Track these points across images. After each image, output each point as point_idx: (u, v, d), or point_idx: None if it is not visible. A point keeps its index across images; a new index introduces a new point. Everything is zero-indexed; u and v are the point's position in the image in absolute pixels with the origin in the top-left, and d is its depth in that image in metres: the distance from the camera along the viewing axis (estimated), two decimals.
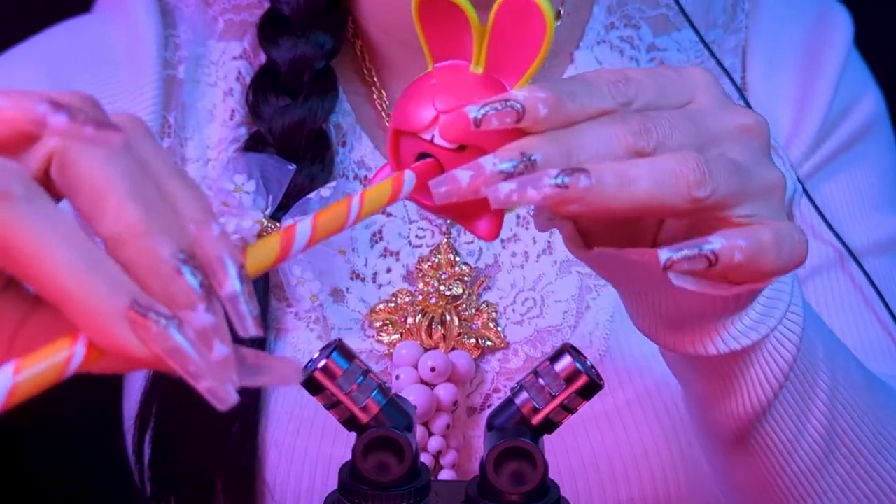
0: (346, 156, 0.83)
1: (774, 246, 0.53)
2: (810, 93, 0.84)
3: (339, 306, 0.81)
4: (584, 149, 0.52)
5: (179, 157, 0.82)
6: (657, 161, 0.52)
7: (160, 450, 0.80)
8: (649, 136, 0.53)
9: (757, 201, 0.54)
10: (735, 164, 0.54)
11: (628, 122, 0.53)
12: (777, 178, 0.55)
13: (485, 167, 0.50)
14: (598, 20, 0.84)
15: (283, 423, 0.79)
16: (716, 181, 0.52)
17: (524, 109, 0.51)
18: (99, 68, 0.83)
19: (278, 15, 0.81)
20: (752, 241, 0.52)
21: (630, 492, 0.78)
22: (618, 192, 0.51)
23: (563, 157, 0.51)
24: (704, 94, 0.56)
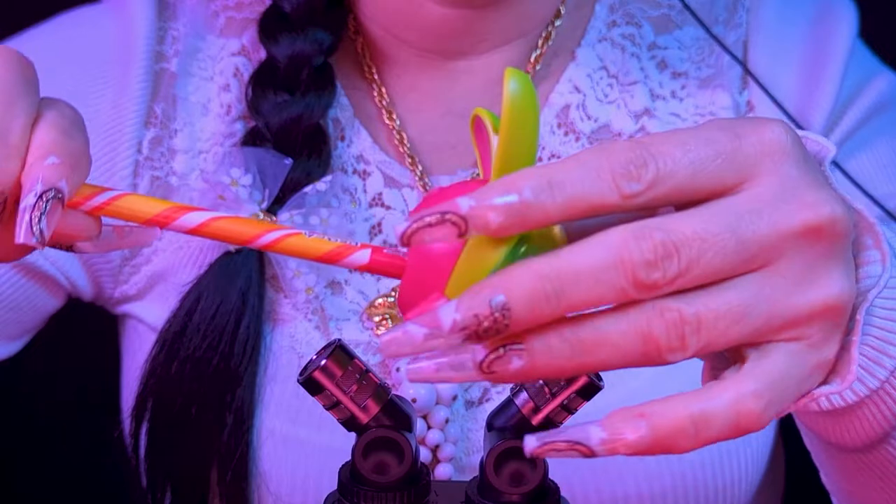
0: (344, 150, 0.83)
1: (685, 430, 0.44)
2: (816, 85, 0.83)
3: (336, 297, 0.81)
4: (576, 289, 0.43)
5: (166, 147, 0.82)
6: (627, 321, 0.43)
7: (155, 441, 0.80)
8: (668, 263, 0.43)
9: (795, 328, 0.46)
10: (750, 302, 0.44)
11: (641, 246, 0.43)
12: (833, 296, 0.46)
13: (443, 322, 0.43)
14: (599, 18, 0.84)
15: (280, 412, 0.79)
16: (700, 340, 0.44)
17: (465, 222, 0.43)
18: (88, 60, 0.83)
19: (279, 12, 0.81)
20: (645, 431, 0.44)
21: (625, 487, 0.78)
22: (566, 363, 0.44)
23: (548, 303, 0.43)
24: (767, 169, 0.45)
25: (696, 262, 0.43)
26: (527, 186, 0.43)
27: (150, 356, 0.79)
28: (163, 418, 0.80)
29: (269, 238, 0.50)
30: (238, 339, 0.79)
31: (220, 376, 0.78)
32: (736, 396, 0.44)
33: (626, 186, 0.44)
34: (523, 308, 0.43)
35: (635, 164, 0.44)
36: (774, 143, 0.46)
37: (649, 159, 0.44)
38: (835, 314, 0.46)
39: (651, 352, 0.44)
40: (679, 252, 0.43)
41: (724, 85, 0.84)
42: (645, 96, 0.83)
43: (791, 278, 0.45)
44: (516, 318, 0.43)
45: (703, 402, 0.44)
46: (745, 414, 0.44)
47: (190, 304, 0.79)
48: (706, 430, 0.44)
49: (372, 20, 0.82)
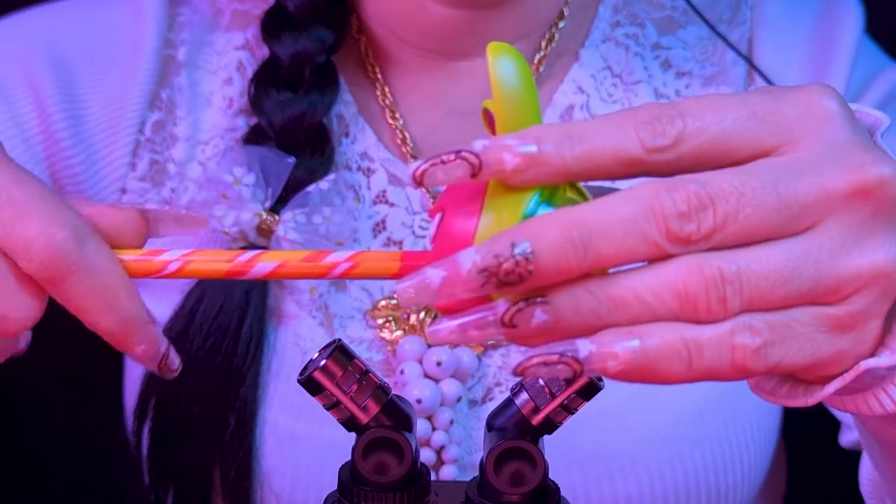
0: (348, 147, 0.83)
1: (677, 353, 0.42)
2: (823, 79, 0.83)
3: (341, 295, 0.81)
4: (603, 238, 0.41)
5: (168, 133, 0.83)
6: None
7: (158, 441, 0.81)
8: (703, 216, 0.41)
9: (840, 294, 0.43)
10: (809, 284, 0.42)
11: (672, 196, 0.41)
12: (882, 262, 0.43)
13: (461, 266, 0.41)
14: (603, 19, 0.84)
15: (284, 409, 0.79)
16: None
17: (479, 159, 0.42)
18: (97, 43, 0.84)
19: (282, 10, 0.81)
20: (636, 350, 0.42)
21: (627, 488, 0.78)
22: (594, 320, 0.41)
23: (574, 252, 0.41)
24: (810, 132, 0.43)
25: (734, 217, 0.41)
26: (545, 137, 0.42)
27: None
28: (165, 417, 0.80)
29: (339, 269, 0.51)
30: (241, 338, 0.79)
31: (223, 375, 0.79)
32: (731, 327, 0.42)
33: (649, 140, 0.42)
34: (548, 255, 0.41)
35: (661, 121, 0.42)
36: (818, 105, 0.44)
37: (676, 115, 0.42)
38: (883, 283, 0.43)
39: (688, 312, 0.42)
40: (715, 204, 0.41)
41: (728, 83, 0.83)
42: (649, 96, 0.83)
43: (838, 241, 0.43)
44: (541, 265, 0.41)
45: (696, 330, 0.42)
46: (739, 347, 0.42)
47: (193, 303, 0.79)
48: (699, 358, 0.42)
49: (374, 20, 0.82)
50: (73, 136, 0.81)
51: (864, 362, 0.45)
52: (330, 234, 0.79)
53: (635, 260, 0.42)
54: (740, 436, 0.80)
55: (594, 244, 0.41)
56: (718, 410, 0.80)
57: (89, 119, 0.82)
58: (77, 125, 0.82)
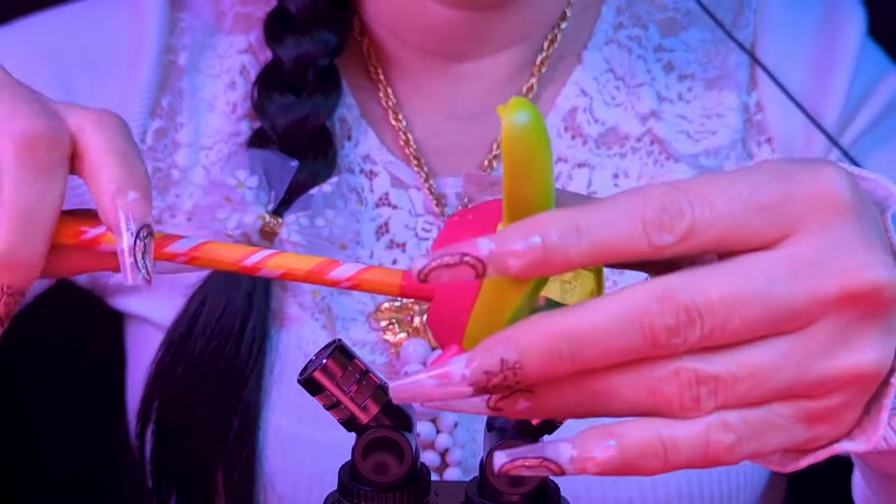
0: (351, 150, 0.83)
1: (653, 451, 0.43)
2: (826, 83, 0.83)
3: (343, 297, 0.81)
4: (592, 347, 0.42)
5: (170, 139, 0.83)
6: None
7: (161, 443, 0.81)
8: (690, 329, 0.42)
9: (818, 394, 0.44)
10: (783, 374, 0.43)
11: (664, 309, 0.42)
12: (867, 363, 0.43)
13: (453, 376, 0.43)
14: (606, 20, 0.84)
15: (287, 411, 0.79)
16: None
17: (483, 265, 0.42)
18: (97, 50, 0.83)
19: (284, 12, 0.81)
20: (614, 451, 0.43)
21: (629, 492, 0.78)
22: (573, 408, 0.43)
23: (562, 361, 0.42)
24: (813, 226, 0.43)
25: (721, 328, 0.42)
26: (552, 230, 0.42)
27: (156, 358, 0.79)
28: (168, 420, 0.80)
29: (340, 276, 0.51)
30: (244, 340, 0.79)
31: (226, 378, 0.79)
32: (706, 426, 0.43)
33: (657, 237, 0.42)
34: (535, 366, 0.42)
35: (670, 214, 0.42)
36: (826, 196, 0.43)
37: (686, 208, 0.42)
38: (860, 385, 0.44)
39: (662, 409, 0.43)
40: (703, 318, 0.42)
41: (731, 86, 0.83)
42: (652, 98, 0.83)
43: (822, 343, 0.43)
44: (528, 375, 0.42)
45: (672, 428, 0.43)
46: (714, 443, 0.43)
47: (196, 305, 0.79)
48: (675, 455, 0.43)
49: (376, 21, 0.82)
50: None
51: (838, 445, 0.46)
52: (333, 237, 0.79)
53: (617, 364, 0.43)
54: None
55: (581, 353, 0.42)
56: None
57: None
58: None
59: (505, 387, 0.42)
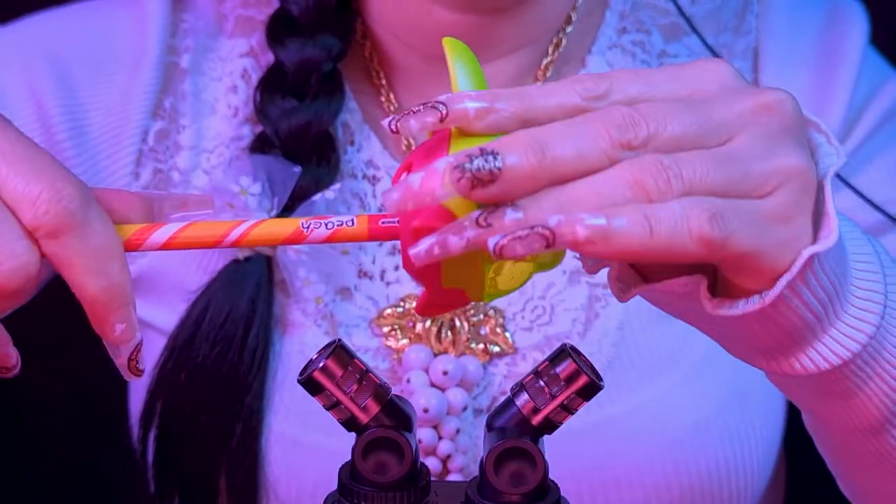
0: (354, 155, 0.83)
1: (639, 223, 0.47)
2: (829, 89, 0.83)
3: (346, 303, 0.81)
4: (559, 143, 0.47)
5: (172, 141, 0.83)
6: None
7: (164, 449, 0.81)
8: (637, 128, 0.48)
9: (765, 187, 0.49)
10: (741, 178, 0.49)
11: (609, 114, 0.48)
12: (795, 163, 0.50)
13: (438, 166, 0.47)
14: (610, 25, 0.84)
15: (290, 417, 0.79)
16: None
17: (446, 108, 0.48)
18: (100, 50, 0.84)
19: (287, 16, 0.81)
20: (601, 218, 0.46)
21: (633, 496, 0.78)
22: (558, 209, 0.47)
23: (534, 153, 0.47)
24: (711, 83, 0.52)
25: (663, 130, 0.48)
26: (507, 91, 0.49)
27: (159, 363, 0.80)
28: (171, 426, 0.80)
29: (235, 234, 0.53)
30: (247, 347, 0.79)
31: (229, 384, 0.79)
32: (689, 202, 0.47)
33: (587, 92, 0.50)
34: (513, 156, 0.46)
35: (595, 80, 0.50)
36: (714, 63, 0.52)
37: (605, 78, 0.50)
38: (798, 178, 0.50)
39: (639, 196, 0.47)
40: (645, 119, 0.48)
41: None
42: None
43: (752, 148, 0.49)
44: (507, 164, 0.46)
45: (655, 208, 0.47)
46: (695, 216, 0.47)
47: (199, 311, 0.79)
48: (658, 226, 0.47)
49: (379, 25, 0.82)
50: (75, 145, 0.82)
51: (806, 250, 0.50)
52: (335, 244, 0.79)
53: (588, 166, 0.48)
54: (744, 443, 0.80)
55: (551, 147, 0.47)
56: (723, 418, 0.79)
57: (92, 128, 0.82)
58: (79, 134, 0.82)
59: (487, 173, 0.46)
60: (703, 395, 0.80)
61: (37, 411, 1.18)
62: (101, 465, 1.12)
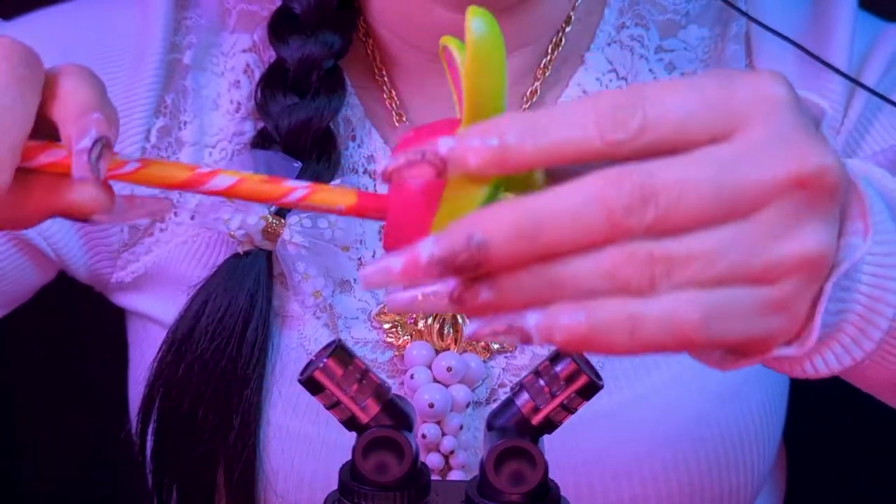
0: (355, 150, 0.83)
1: (620, 325, 0.44)
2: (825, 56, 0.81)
3: (345, 296, 0.81)
4: (554, 227, 0.43)
5: (174, 138, 0.83)
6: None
7: (162, 442, 0.81)
8: (645, 207, 0.43)
9: (768, 278, 0.46)
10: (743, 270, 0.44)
11: (620, 186, 0.43)
12: (813, 249, 0.46)
13: (420, 256, 0.44)
14: (608, 22, 0.84)
15: (288, 410, 0.79)
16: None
17: (444, 162, 0.44)
18: (104, 44, 0.83)
19: (289, 12, 0.81)
20: (582, 320, 0.44)
21: (632, 489, 0.78)
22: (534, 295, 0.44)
23: (525, 240, 0.43)
24: (758, 119, 0.45)
25: (675, 208, 0.44)
26: (509, 131, 0.44)
27: (158, 357, 0.80)
28: (170, 419, 0.80)
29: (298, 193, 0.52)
30: (246, 341, 0.79)
31: (228, 378, 0.79)
32: (674, 303, 0.44)
33: (610, 134, 0.44)
34: (501, 245, 0.44)
35: (622, 111, 0.44)
36: (768, 92, 0.46)
37: (638, 106, 0.44)
38: (810, 268, 0.46)
39: (621, 289, 0.44)
40: (658, 196, 0.44)
41: None
42: None
43: (771, 227, 0.45)
44: (494, 255, 0.44)
45: (640, 305, 0.44)
46: (679, 321, 0.44)
47: (198, 305, 0.79)
48: (642, 330, 0.44)
49: (380, 23, 0.82)
50: None
51: (776, 350, 0.48)
52: (335, 239, 0.79)
53: (582, 247, 0.44)
54: (743, 437, 0.80)
55: (544, 234, 0.44)
56: (722, 412, 0.80)
57: None
58: None
59: (471, 266, 0.44)
60: (703, 389, 0.80)
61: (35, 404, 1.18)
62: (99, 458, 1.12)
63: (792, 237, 0.45)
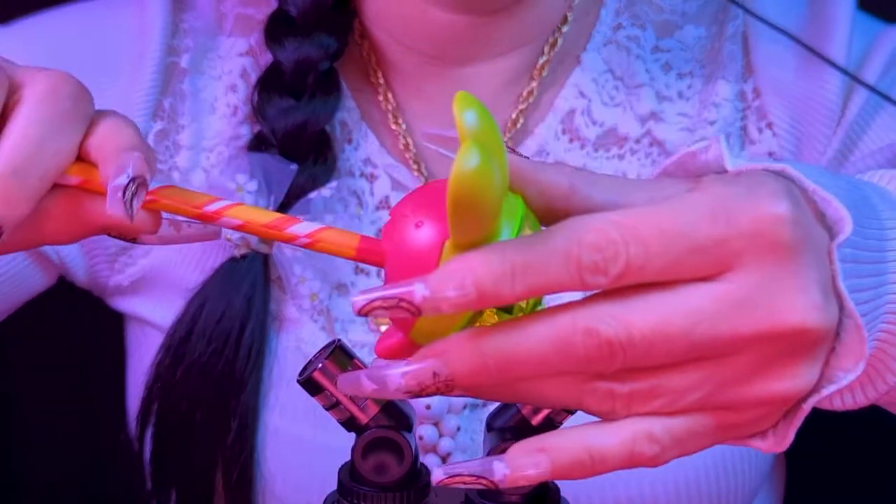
0: (352, 153, 0.83)
1: (581, 463, 0.46)
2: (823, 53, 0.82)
3: (342, 299, 0.81)
4: (522, 367, 0.44)
5: (171, 141, 0.83)
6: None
7: (160, 446, 0.81)
8: (612, 360, 0.44)
9: (730, 414, 0.46)
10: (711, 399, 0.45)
11: (588, 338, 0.44)
12: (789, 389, 0.46)
13: (389, 384, 0.46)
14: (604, 23, 0.84)
15: (286, 413, 0.79)
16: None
17: (419, 310, 0.44)
18: (102, 48, 0.83)
19: (284, 15, 0.81)
20: (546, 466, 0.46)
21: (628, 491, 0.78)
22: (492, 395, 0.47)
23: (490, 376, 0.45)
24: (748, 264, 0.44)
25: (641, 359, 0.44)
26: (485, 277, 0.43)
27: (156, 361, 0.80)
28: (168, 423, 0.80)
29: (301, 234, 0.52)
30: (243, 344, 0.79)
31: (225, 382, 0.79)
32: (632, 437, 0.46)
33: (591, 279, 0.44)
34: (464, 379, 0.45)
35: (604, 257, 0.43)
36: (765, 234, 0.44)
37: (621, 250, 0.43)
38: (779, 404, 0.47)
39: (587, 410, 0.46)
40: (625, 352, 0.44)
41: (726, 77, 0.83)
42: (651, 99, 0.83)
43: (740, 372, 0.45)
44: (458, 385, 0.45)
45: (599, 438, 0.46)
46: (637, 455, 0.46)
47: (195, 309, 0.79)
48: (602, 464, 0.46)
49: (376, 25, 0.82)
50: None
51: (748, 441, 0.48)
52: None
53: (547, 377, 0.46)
54: None
55: (508, 371, 0.45)
56: None
57: None
58: None
59: (435, 392, 0.46)
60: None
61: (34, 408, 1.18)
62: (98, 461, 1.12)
63: (762, 380, 0.45)
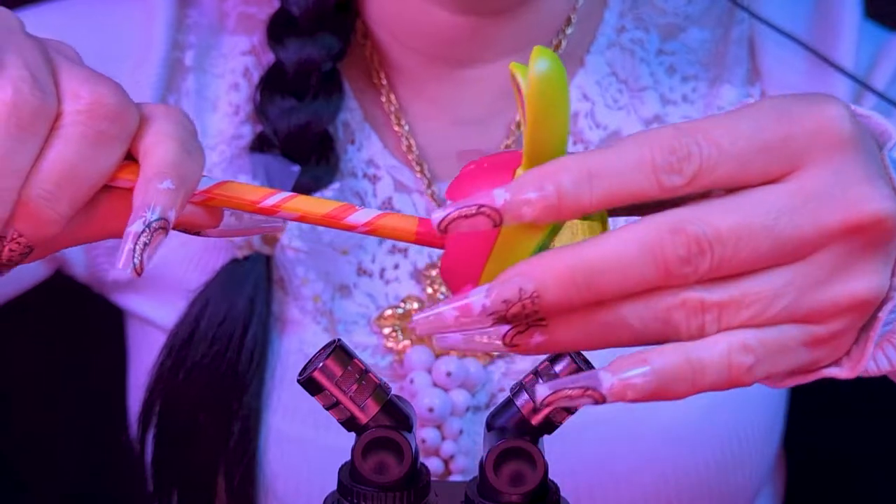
0: (355, 154, 0.83)
1: (683, 374, 0.45)
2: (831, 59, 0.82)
3: (345, 301, 0.81)
4: (607, 276, 0.44)
5: None
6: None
7: (162, 448, 0.81)
8: (700, 260, 0.44)
9: (815, 320, 0.46)
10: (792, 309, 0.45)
11: (676, 237, 0.44)
12: (866, 291, 0.46)
13: (473, 307, 0.45)
14: (609, 25, 0.84)
15: (288, 415, 0.79)
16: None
17: (500, 215, 0.44)
18: (107, 45, 0.83)
19: (287, 15, 0.81)
20: (651, 376, 0.45)
21: (631, 492, 0.78)
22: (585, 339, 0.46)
23: (577, 290, 0.44)
24: (817, 159, 0.45)
25: (730, 259, 0.44)
26: (564, 179, 0.44)
27: (158, 362, 0.80)
28: (170, 425, 0.80)
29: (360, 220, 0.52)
30: (245, 346, 0.79)
31: (227, 383, 0.79)
32: (728, 348, 0.45)
33: (667, 180, 0.44)
34: (552, 296, 0.44)
35: (678, 156, 0.44)
36: (828, 130, 0.45)
37: (694, 150, 0.44)
38: (858, 311, 0.47)
39: (670, 335, 0.45)
40: (713, 249, 0.44)
41: (731, 80, 0.83)
42: (655, 102, 0.83)
43: (823, 271, 0.45)
44: (545, 305, 0.44)
45: (697, 350, 0.45)
46: (735, 365, 0.45)
47: (197, 310, 0.79)
48: (702, 376, 0.45)
49: (379, 25, 0.82)
50: None
51: (825, 370, 0.48)
52: (334, 242, 0.79)
53: (634, 293, 0.45)
54: (743, 439, 0.80)
55: (596, 284, 0.44)
56: (723, 413, 0.80)
57: None
58: None
59: (523, 316, 0.45)
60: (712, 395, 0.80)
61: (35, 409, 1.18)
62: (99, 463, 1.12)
63: (843, 281, 0.46)
